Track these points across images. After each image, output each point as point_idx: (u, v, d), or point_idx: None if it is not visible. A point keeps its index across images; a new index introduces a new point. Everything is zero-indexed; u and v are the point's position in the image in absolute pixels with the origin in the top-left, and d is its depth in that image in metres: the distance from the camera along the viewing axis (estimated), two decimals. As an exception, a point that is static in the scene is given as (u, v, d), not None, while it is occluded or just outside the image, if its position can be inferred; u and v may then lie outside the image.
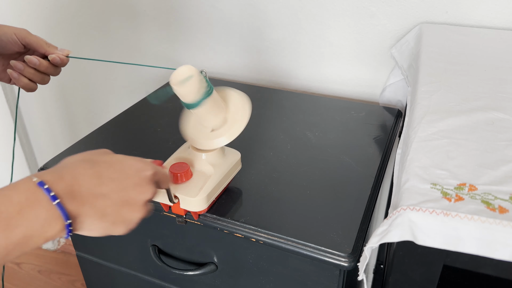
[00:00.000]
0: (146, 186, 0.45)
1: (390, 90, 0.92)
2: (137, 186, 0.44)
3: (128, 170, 0.44)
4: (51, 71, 0.65)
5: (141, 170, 0.45)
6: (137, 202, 0.44)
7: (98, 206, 0.41)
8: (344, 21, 0.94)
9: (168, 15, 1.10)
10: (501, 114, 0.53)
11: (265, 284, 0.65)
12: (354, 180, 0.68)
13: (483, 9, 0.82)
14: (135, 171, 0.44)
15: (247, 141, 0.79)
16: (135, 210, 0.44)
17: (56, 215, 0.38)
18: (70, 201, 0.39)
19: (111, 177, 0.42)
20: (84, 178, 0.41)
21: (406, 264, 0.44)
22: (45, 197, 0.37)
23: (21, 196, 0.37)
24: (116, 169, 0.43)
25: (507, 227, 0.37)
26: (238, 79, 1.11)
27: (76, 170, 0.41)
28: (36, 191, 0.37)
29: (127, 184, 0.43)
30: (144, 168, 0.45)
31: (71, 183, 0.40)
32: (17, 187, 0.37)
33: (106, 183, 0.42)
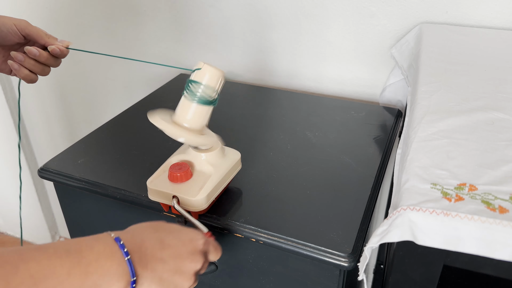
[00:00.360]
0: (197, 256, 0.48)
1: (390, 90, 0.92)
2: (190, 255, 0.47)
3: (183, 237, 0.48)
4: (51, 62, 0.65)
5: (195, 240, 0.48)
6: (189, 271, 0.47)
7: (157, 271, 0.44)
8: (344, 21, 0.94)
9: (168, 15, 1.10)
10: (501, 114, 0.53)
11: (265, 284, 0.65)
12: (354, 180, 0.68)
13: (483, 9, 0.82)
14: (189, 240, 0.48)
15: (247, 141, 0.79)
16: (186, 279, 0.47)
17: (124, 272, 0.41)
18: (138, 260, 0.42)
19: (170, 244, 0.46)
20: (150, 241, 0.45)
21: (406, 264, 0.44)
22: (119, 252, 0.41)
23: (100, 247, 0.41)
24: (174, 236, 0.47)
25: (507, 227, 0.37)
26: (238, 79, 1.11)
27: (144, 233, 0.45)
28: (112, 245, 0.42)
29: (183, 251, 0.47)
30: (197, 237, 0.49)
31: (140, 245, 0.44)
32: (98, 238, 0.42)
33: (166, 248, 0.45)
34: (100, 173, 0.72)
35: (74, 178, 0.71)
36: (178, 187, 0.58)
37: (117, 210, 0.72)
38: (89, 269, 0.39)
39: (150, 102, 0.96)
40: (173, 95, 0.99)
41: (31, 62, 0.63)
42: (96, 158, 0.76)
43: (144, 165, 0.73)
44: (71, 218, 0.80)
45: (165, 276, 0.44)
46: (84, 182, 0.70)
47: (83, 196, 0.74)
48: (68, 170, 0.72)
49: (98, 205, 0.74)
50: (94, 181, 0.70)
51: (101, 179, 0.70)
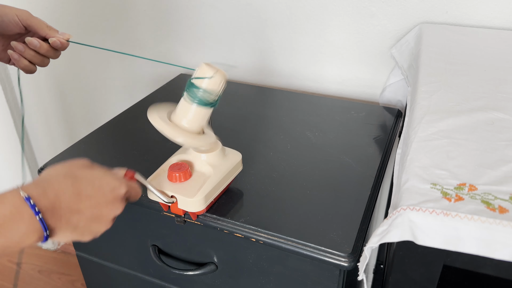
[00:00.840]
0: (117, 203, 0.48)
1: (390, 90, 0.92)
2: (109, 204, 0.47)
3: (104, 187, 0.47)
4: (51, 54, 0.65)
5: (115, 188, 0.48)
6: (107, 218, 0.47)
7: (73, 221, 0.44)
8: (344, 21, 0.94)
9: (168, 15, 1.10)
10: (501, 114, 0.53)
11: (265, 284, 0.65)
12: (354, 180, 0.68)
13: (483, 9, 0.82)
14: (110, 189, 0.47)
15: (247, 141, 0.79)
16: (103, 224, 0.47)
17: (35, 228, 0.40)
18: (50, 216, 0.42)
19: (88, 195, 0.45)
20: (65, 195, 0.44)
21: (406, 264, 0.44)
22: (29, 211, 0.40)
23: (6, 209, 0.39)
24: (94, 186, 0.46)
25: (507, 227, 0.37)
26: (238, 79, 1.11)
27: (59, 186, 0.44)
28: (21, 205, 0.40)
29: (102, 201, 0.46)
30: (118, 186, 0.48)
31: (53, 200, 0.42)
32: (4, 200, 0.40)
33: (83, 200, 0.45)
34: (100, 173, 0.72)
35: (74, 178, 0.71)
36: (177, 187, 0.58)
37: (117, 210, 0.72)
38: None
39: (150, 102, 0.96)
40: (173, 95, 0.99)
41: (31, 53, 0.63)
42: (96, 158, 0.76)
43: (144, 165, 0.73)
44: (71, 218, 0.80)
45: (81, 225, 0.45)
46: (84, 182, 0.70)
47: (83, 196, 0.74)
48: (68, 170, 0.72)
49: (98, 205, 0.74)
50: (94, 181, 0.70)
51: (101, 179, 0.70)
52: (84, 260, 0.86)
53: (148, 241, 0.73)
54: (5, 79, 1.44)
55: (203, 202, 0.58)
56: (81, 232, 0.46)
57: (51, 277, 1.52)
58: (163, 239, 0.72)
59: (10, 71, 1.44)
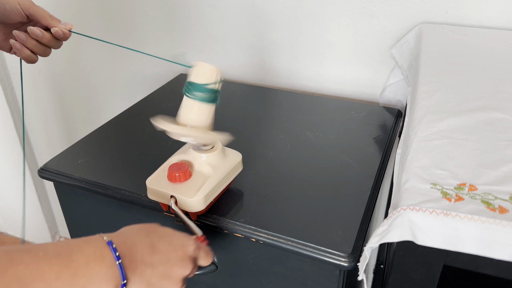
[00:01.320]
0: (187, 261, 0.48)
1: (390, 90, 0.92)
2: (180, 261, 0.47)
3: (175, 242, 0.48)
4: (52, 44, 0.65)
5: (185, 246, 0.48)
6: (177, 276, 0.47)
7: (146, 275, 0.44)
8: (344, 21, 0.94)
9: (168, 15, 1.10)
10: (501, 114, 0.53)
11: (265, 284, 0.65)
12: (354, 180, 0.68)
13: (483, 9, 0.82)
14: (180, 246, 0.48)
15: (247, 141, 0.79)
16: (173, 284, 0.47)
17: (113, 275, 0.41)
18: (128, 264, 0.43)
19: (161, 249, 0.46)
20: (141, 246, 0.45)
21: (406, 264, 0.44)
22: (110, 255, 0.41)
23: (90, 250, 0.41)
24: (166, 241, 0.47)
25: (507, 227, 0.37)
26: (238, 79, 1.11)
27: (135, 237, 0.45)
28: (104, 249, 0.42)
29: (172, 257, 0.47)
30: (188, 243, 0.49)
31: (130, 248, 0.44)
32: (89, 241, 0.42)
33: (156, 253, 0.45)
34: (100, 173, 0.72)
35: (74, 178, 0.71)
36: (176, 187, 0.58)
37: (117, 209, 0.72)
38: (78, 272, 0.39)
39: (150, 102, 0.96)
40: (173, 95, 0.99)
41: (33, 43, 0.63)
42: (96, 158, 0.76)
43: (144, 165, 0.73)
44: (71, 218, 0.80)
45: (153, 281, 0.45)
46: (84, 182, 0.70)
47: (83, 196, 0.74)
48: (68, 170, 0.72)
49: (98, 205, 0.74)
50: (94, 181, 0.70)
51: (101, 179, 0.70)
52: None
53: (148, 241, 0.73)
54: (5, 79, 1.44)
55: (202, 202, 0.58)
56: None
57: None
58: (163, 239, 0.72)
59: (10, 71, 1.44)
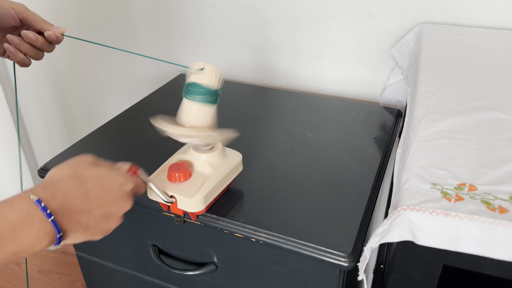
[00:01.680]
0: (126, 200, 0.48)
1: (390, 90, 0.92)
2: (118, 201, 0.47)
3: (111, 185, 0.47)
4: (46, 48, 0.65)
5: (122, 185, 0.48)
6: (117, 215, 0.47)
7: (83, 222, 0.44)
8: (344, 21, 0.94)
9: (168, 15, 1.10)
10: (501, 114, 0.53)
11: (265, 284, 0.65)
12: (354, 180, 0.68)
13: (483, 9, 0.82)
14: (117, 187, 0.47)
15: (247, 141, 0.79)
16: (113, 221, 0.47)
17: (47, 232, 0.40)
18: (60, 218, 0.42)
19: (96, 194, 0.45)
20: (73, 197, 0.43)
21: (406, 264, 0.44)
22: (40, 215, 0.40)
23: (15, 215, 0.39)
24: (101, 185, 0.46)
25: (507, 227, 0.37)
26: (238, 79, 1.11)
27: (66, 189, 0.44)
28: (31, 209, 0.40)
29: (110, 199, 0.46)
30: (125, 182, 0.48)
31: (62, 202, 0.42)
32: (12, 205, 0.40)
33: (91, 200, 0.45)
34: (100, 173, 0.72)
35: (74, 178, 0.71)
36: (176, 187, 0.58)
37: (117, 210, 0.72)
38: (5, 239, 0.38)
39: (150, 102, 0.96)
40: (173, 95, 0.99)
41: (27, 46, 0.64)
42: (96, 158, 0.76)
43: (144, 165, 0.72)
44: (71, 218, 0.80)
45: (91, 224, 0.45)
46: (84, 182, 0.70)
47: (83, 196, 0.74)
48: (68, 170, 0.72)
49: (98, 205, 0.74)
50: (94, 181, 0.70)
51: (101, 179, 0.70)
52: (84, 260, 0.86)
53: (148, 241, 0.73)
54: (5, 79, 1.44)
55: (202, 202, 0.58)
56: (92, 232, 0.46)
57: (51, 277, 1.52)
58: (163, 239, 0.72)
59: (10, 71, 1.44)
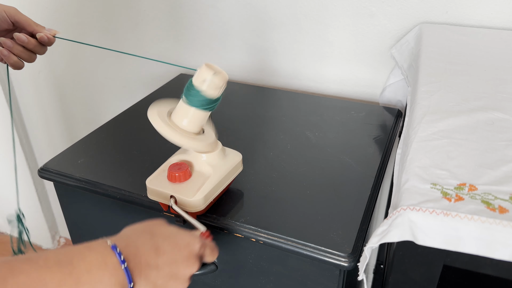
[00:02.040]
0: (193, 260, 0.48)
1: (390, 90, 0.92)
2: (185, 260, 0.47)
3: (180, 243, 0.47)
4: (38, 50, 0.66)
5: (191, 244, 0.48)
6: (183, 276, 0.47)
7: (151, 277, 0.44)
8: (344, 21, 0.94)
9: (168, 15, 1.10)
10: (501, 114, 0.53)
11: (265, 284, 0.65)
12: (354, 180, 0.68)
13: (483, 9, 0.82)
14: (185, 245, 0.48)
15: (247, 141, 0.79)
16: (180, 283, 0.47)
17: (117, 281, 0.41)
18: (132, 269, 0.42)
19: (165, 250, 0.46)
20: (145, 249, 0.44)
21: (406, 264, 0.44)
22: (114, 260, 0.41)
23: (92, 256, 0.40)
24: (170, 242, 0.47)
25: (507, 227, 0.37)
26: (238, 79, 1.11)
27: (138, 241, 0.45)
28: (106, 253, 0.41)
29: (178, 257, 0.46)
30: (193, 242, 0.49)
31: (134, 252, 0.43)
32: (91, 247, 0.41)
33: (161, 255, 0.45)
34: (100, 173, 0.72)
35: (74, 178, 0.71)
36: (176, 187, 0.58)
37: (117, 210, 0.72)
38: (81, 279, 0.39)
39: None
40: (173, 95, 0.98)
41: (20, 49, 0.64)
42: (96, 158, 0.76)
43: (144, 165, 0.73)
44: (71, 218, 0.80)
45: (159, 282, 0.45)
46: (84, 182, 0.70)
47: (83, 196, 0.74)
48: (68, 170, 0.72)
49: (98, 205, 0.74)
50: (94, 181, 0.70)
51: (101, 179, 0.70)
52: (84, 260, 0.85)
53: (148, 241, 0.73)
54: (5, 79, 1.44)
55: (202, 202, 0.58)
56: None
57: (51, 277, 1.52)
58: (163, 239, 0.72)
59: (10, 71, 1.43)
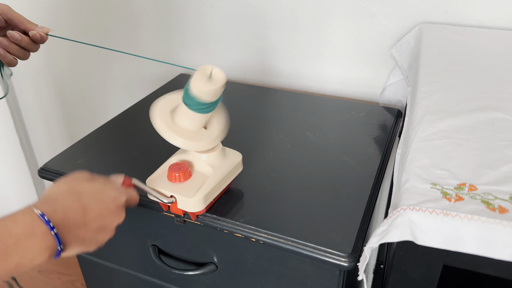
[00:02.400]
0: (119, 212, 0.51)
1: (390, 90, 0.92)
2: (112, 214, 0.50)
3: (106, 199, 0.50)
4: (31, 47, 0.67)
5: (116, 198, 0.51)
6: (111, 227, 0.50)
7: (80, 235, 0.46)
8: (344, 21, 0.94)
9: (168, 15, 1.10)
10: (501, 114, 0.53)
11: (265, 284, 0.65)
12: (354, 180, 0.68)
13: (483, 9, 0.82)
14: (111, 200, 0.50)
15: (247, 141, 0.79)
16: (107, 233, 0.50)
17: (47, 245, 0.42)
18: (61, 232, 0.44)
19: (93, 208, 0.48)
20: (72, 212, 0.46)
21: (406, 264, 0.44)
22: (43, 228, 0.42)
23: (19, 228, 0.41)
24: (97, 199, 0.49)
25: (507, 227, 0.37)
26: (238, 79, 1.11)
27: (65, 204, 0.46)
28: (34, 223, 0.42)
29: (105, 212, 0.49)
30: (119, 195, 0.51)
31: (62, 216, 0.44)
32: (16, 219, 0.42)
33: (88, 214, 0.47)
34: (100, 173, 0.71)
35: (74, 178, 0.71)
36: (176, 187, 0.58)
37: (117, 210, 0.72)
38: (9, 251, 0.39)
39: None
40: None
41: (14, 47, 0.65)
42: (96, 158, 0.76)
43: (144, 165, 0.73)
44: (71, 218, 0.80)
45: (88, 237, 0.47)
46: (84, 182, 0.70)
47: (83, 196, 0.74)
48: (68, 170, 0.72)
49: (98, 205, 0.74)
50: (94, 181, 0.70)
51: (101, 179, 0.70)
52: (83, 260, 0.86)
53: (148, 241, 0.73)
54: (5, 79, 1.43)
55: (202, 202, 0.58)
56: (88, 244, 0.48)
57: (50, 277, 1.52)
58: (163, 239, 0.72)
59: (10, 71, 1.44)
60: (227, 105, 0.92)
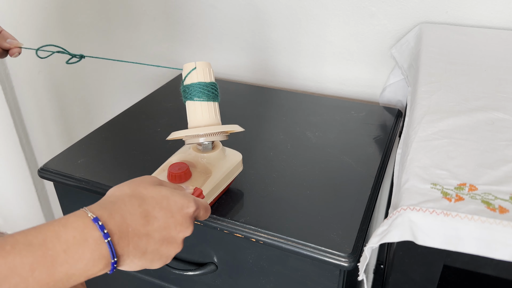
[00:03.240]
0: (187, 223, 0.45)
1: (390, 90, 0.92)
2: (178, 225, 0.44)
3: (173, 207, 0.44)
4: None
5: (184, 208, 0.45)
6: (177, 240, 0.44)
7: (141, 246, 0.41)
8: (344, 21, 0.94)
9: (168, 15, 1.10)
10: (501, 114, 0.53)
11: (265, 284, 0.65)
12: (354, 180, 0.68)
13: (483, 9, 0.82)
14: (178, 209, 0.44)
15: (247, 141, 0.79)
16: (174, 247, 0.44)
17: (101, 255, 0.38)
18: (117, 241, 0.39)
19: (156, 216, 0.42)
20: (132, 218, 0.41)
21: (406, 264, 0.44)
22: (96, 234, 0.37)
23: (69, 234, 0.37)
24: (162, 207, 0.43)
25: (507, 227, 0.37)
26: (238, 79, 1.11)
27: (125, 208, 0.41)
28: (86, 228, 0.37)
29: (171, 222, 0.43)
30: (187, 205, 0.45)
31: (120, 223, 0.40)
32: (67, 223, 0.38)
33: (151, 222, 0.42)
34: (100, 173, 0.72)
35: (74, 178, 0.71)
36: None
37: (117, 210, 0.72)
38: (57, 260, 0.35)
39: (150, 102, 0.96)
40: (172, 95, 0.99)
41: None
42: (96, 158, 0.76)
43: (144, 165, 0.73)
44: (71, 218, 0.80)
45: (150, 249, 0.42)
46: (84, 182, 0.70)
47: (83, 196, 0.74)
48: (68, 170, 0.72)
49: (98, 205, 0.74)
50: (94, 181, 0.70)
51: (101, 179, 0.70)
52: (84, 260, 0.85)
53: (148, 241, 0.73)
54: (5, 79, 1.44)
55: (202, 202, 0.58)
56: (151, 258, 0.42)
57: (51, 277, 1.52)
58: (163, 239, 0.72)
59: (10, 71, 1.44)
60: (227, 105, 0.92)
